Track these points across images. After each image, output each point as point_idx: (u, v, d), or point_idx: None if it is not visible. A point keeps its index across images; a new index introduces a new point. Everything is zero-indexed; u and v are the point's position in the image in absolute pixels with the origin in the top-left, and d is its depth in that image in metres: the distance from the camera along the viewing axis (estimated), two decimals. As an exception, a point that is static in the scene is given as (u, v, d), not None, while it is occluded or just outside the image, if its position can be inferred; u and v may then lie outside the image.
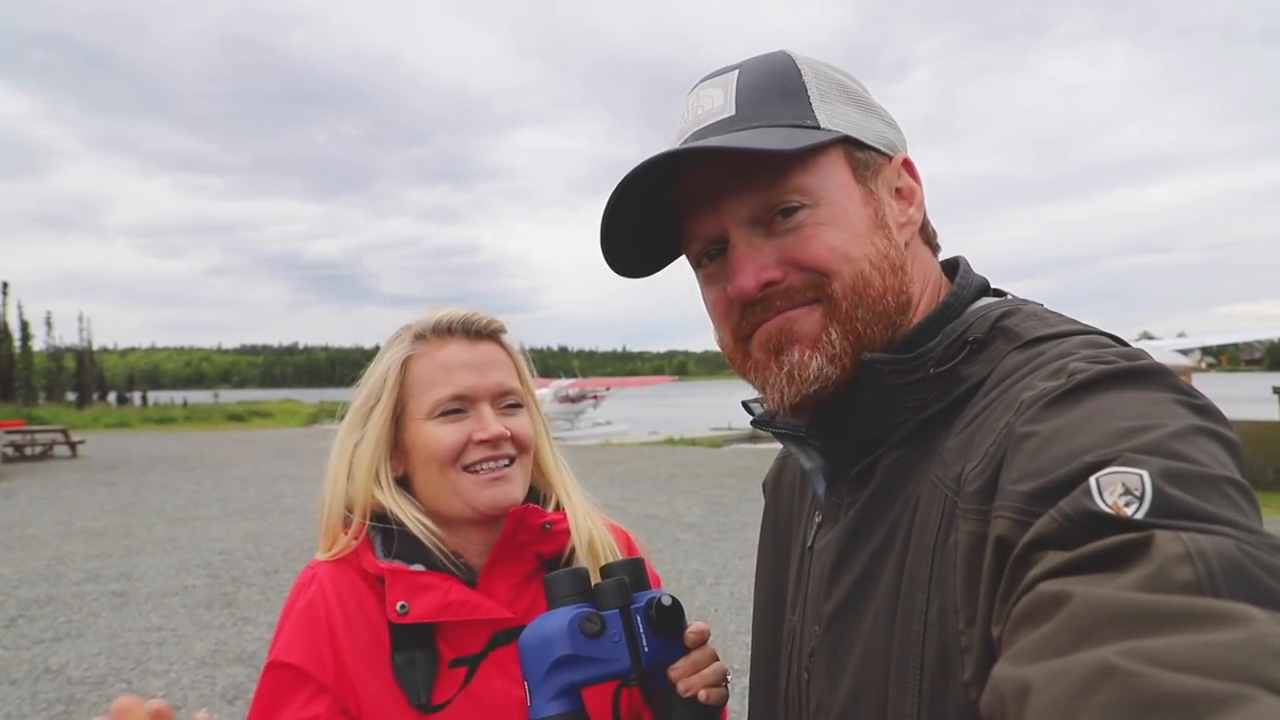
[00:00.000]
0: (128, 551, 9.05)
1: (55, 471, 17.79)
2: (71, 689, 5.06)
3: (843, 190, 0.79)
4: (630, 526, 1.39)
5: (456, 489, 1.16)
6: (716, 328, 0.88)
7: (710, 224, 0.81)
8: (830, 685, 0.77)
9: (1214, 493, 0.50)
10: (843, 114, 0.81)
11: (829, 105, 0.80)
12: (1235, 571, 0.43)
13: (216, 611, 6.72)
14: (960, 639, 0.62)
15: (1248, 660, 0.38)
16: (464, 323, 1.22)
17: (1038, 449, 0.58)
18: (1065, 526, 0.51)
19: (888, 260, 0.79)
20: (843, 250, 0.77)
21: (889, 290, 0.78)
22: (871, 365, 0.76)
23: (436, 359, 1.19)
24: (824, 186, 0.78)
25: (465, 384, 1.18)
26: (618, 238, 0.86)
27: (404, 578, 1.11)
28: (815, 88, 0.81)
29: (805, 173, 0.77)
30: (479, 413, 1.18)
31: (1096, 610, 0.44)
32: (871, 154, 0.82)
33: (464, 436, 1.16)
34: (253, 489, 14.24)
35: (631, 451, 21.17)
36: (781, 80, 0.81)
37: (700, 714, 0.95)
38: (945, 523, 0.66)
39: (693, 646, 0.98)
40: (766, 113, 0.79)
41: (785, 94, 0.80)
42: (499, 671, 1.13)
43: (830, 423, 0.82)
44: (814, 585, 0.84)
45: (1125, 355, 0.64)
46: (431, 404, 1.17)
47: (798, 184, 0.77)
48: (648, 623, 0.95)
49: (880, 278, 0.78)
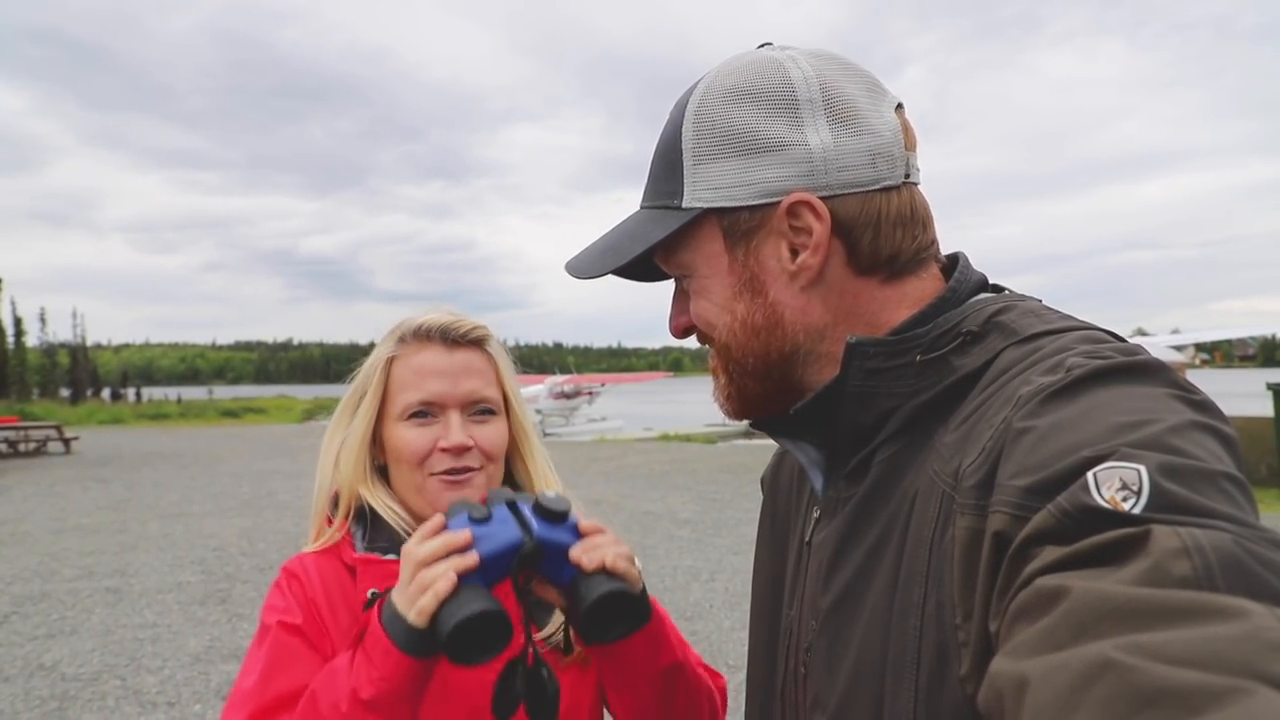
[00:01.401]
0: (121, 548, 9.04)
1: (49, 468, 17.76)
2: (65, 686, 5.05)
3: (709, 262, 0.84)
4: (625, 523, 1.40)
5: (421, 490, 1.20)
6: None
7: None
8: (827, 679, 0.77)
9: (1211, 487, 0.50)
10: (717, 176, 0.80)
11: (702, 167, 0.80)
12: (1232, 566, 0.44)
13: (211, 608, 6.72)
14: (957, 634, 0.62)
15: (1245, 654, 0.38)
16: (442, 330, 1.24)
17: (1035, 444, 0.58)
18: (1063, 521, 0.51)
19: (747, 325, 0.83)
20: (707, 318, 0.86)
21: (751, 352, 0.83)
22: (856, 348, 0.76)
23: (413, 363, 1.23)
24: (694, 261, 0.84)
25: (435, 391, 1.20)
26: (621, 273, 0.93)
27: (375, 566, 1.16)
28: (692, 149, 0.80)
29: (682, 249, 0.84)
30: (447, 420, 1.21)
31: (1094, 605, 0.45)
32: (743, 214, 0.80)
33: (430, 442, 1.19)
34: (247, 485, 14.23)
35: (626, 447, 21.17)
36: (666, 149, 0.84)
37: (613, 586, 0.95)
38: (942, 517, 0.66)
39: (589, 534, 1.01)
40: (655, 188, 0.86)
41: (668, 164, 0.84)
42: None
43: (820, 412, 0.82)
44: (811, 580, 0.84)
45: (1123, 351, 0.64)
46: (403, 406, 1.21)
47: (677, 261, 0.86)
48: (534, 511, 1.00)
49: (745, 337, 0.83)
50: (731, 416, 0.90)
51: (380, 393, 1.24)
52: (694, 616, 6.27)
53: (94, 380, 54.90)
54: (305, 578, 1.18)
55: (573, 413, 32.78)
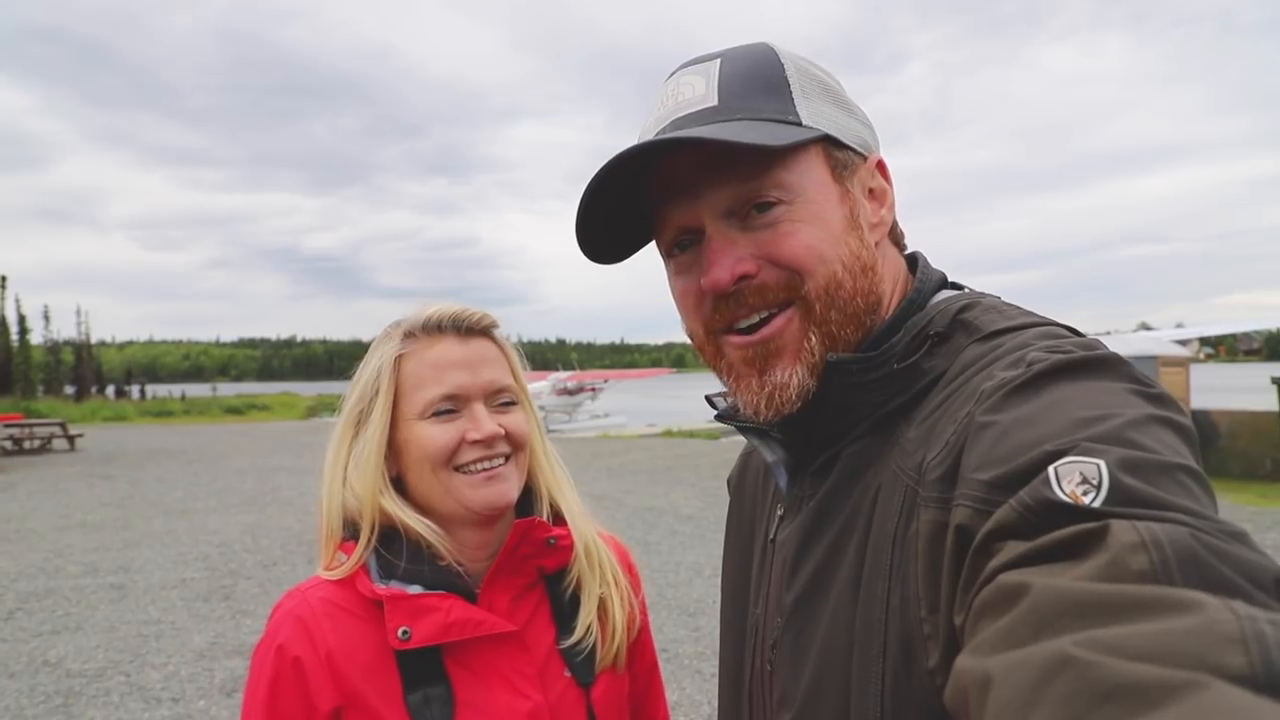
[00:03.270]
0: (126, 544, 9.06)
1: (53, 465, 17.81)
2: (70, 682, 5.07)
3: (820, 189, 0.79)
4: (628, 518, 1.40)
5: (450, 490, 1.13)
6: (685, 319, 0.87)
7: (686, 213, 0.80)
8: (793, 676, 0.77)
9: (1169, 481, 0.51)
10: (823, 111, 0.80)
11: (810, 102, 0.80)
12: (1189, 559, 0.44)
13: (215, 604, 6.73)
14: (923, 626, 0.62)
15: (1200, 648, 0.39)
16: (455, 319, 1.18)
17: (998, 438, 0.59)
18: (1024, 516, 0.52)
19: (859, 261, 0.79)
20: (818, 250, 0.77)
21: (859, 292, 0.79)
22: (839, 366, 0.77)
23: (427, 358, 1.16)
24: (803, 184, 0.78)
25: (457, 383, 1.15)
26: (593, 223, 0.84)
27: (403, 602, 1.07)
28: (798, 83, 0.80)
29: (785, 169, 0.77)
30: (472, 412, 1.15)
31: (1055, 601, 0.45)
32: (849, 153, 0.82)
33: (457, 437, 1.13)
34: (251, 482, 14.26)
35: (629, 443, 21.20)
36: (765, 73, 0.80)
37: None
38: (906, 511, 0.67)
39: None
40: (750, 105, 0.77)
41: (769, 88, 0.79)
42: (503, 684, 1.11)
43: (796, 421, 0.82)
44: (776, 577, 0.85)
45: (1082, 345, 0.66)
46: (423, 404, 1.14)
47: (778, 179, 0.77)
48: None
49: (852, 279, 0.78)
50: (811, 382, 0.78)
51: (392, 395, 1.16)
52: (697, 612, 6.28)
53: (98, 378, 54.94)
54: (310, 646, 1.06)
55: (576, 409, 32.79)
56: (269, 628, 1.10)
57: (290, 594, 1.13)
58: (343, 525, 1.16)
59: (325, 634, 1.07)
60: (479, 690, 1.09)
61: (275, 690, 1.04)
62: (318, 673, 1.04)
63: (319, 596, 1.10)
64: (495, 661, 1.12)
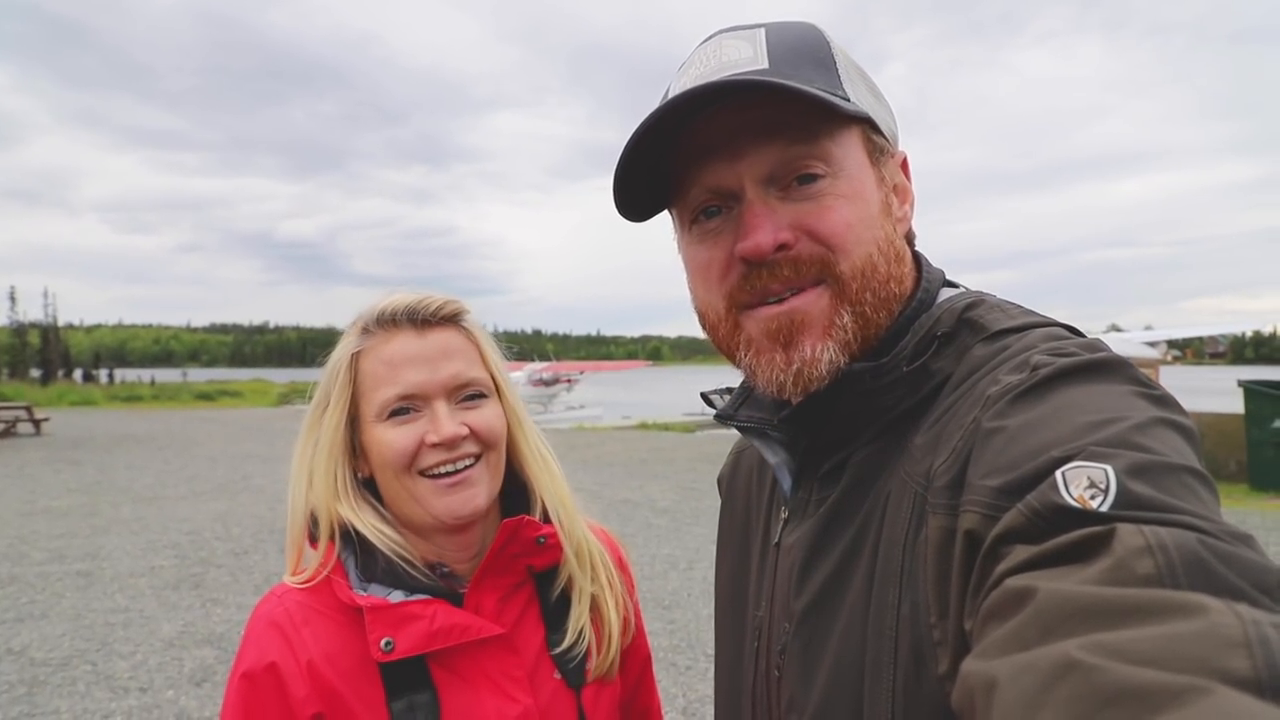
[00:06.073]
0: (93, 531, 8.92)
1: (19, 449, 17.47)
2: (35, 670, 4.99)
3: (861, 169, 0.78)
4: (603, 511, 1.39)
5: (414, 495, 1.07)
6: (703, 292, 0.83)
7: (724, 174, 0.76)
8: (804, 683, 0.76)
9: (1175, 484, 0.51)
10: (863, 96, 0.80)
11: (853, 85, 0.80)
12: (1194, 563, 0.44)
13: (184, 593, 6.65)
14: (933, 633, 0.62)
15: (1204, 652, 0.39)
16: (409, 311, 1.09)
17: (1005, 444, 0.59)
18: (1033, 520, 0.52)
19: (893, 248, 0.79)
20: (857, 229, 0.75)
21: (891, 278, 0.78)
22: (853, 375, 0.76)
23: (383, 355, 1.08)
24: (846, 160, 0.76)
25: (413, 381, 1.06)
26: (634, 174, 0.80)
27: (384, 611, 1.02)
28: (843, 63, 0.80)
29: (834, 141, 0.75)
30: (432, 411, 1.06)
31: (1060, 605, 0.45)
32: (885, 141, 0.82)
33: (416, 439, 1.05)
34: (221, 469, 14.08)
35: (605, 436, 21.19)
36: (813, 48, 0.78)
37: None
38: (915, 518, 0.67)
39: None
40: (801, 75, 0.74)
41: (817, 62, 0.77)
42: (491, 688, 1.07)
43: (800, 423, 0.82)
44: (782, 581, 0.84)
45: (1085, 347, 0.66)
46: (379, 405, 1.06)
47: (825, 150, 0.75)
48: None
49: (885, 264, 0.77)
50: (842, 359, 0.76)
51: (348, 394, 1.09)
52: (672, 605, 6.29)
53: (65, 361, 54.06)
54: (290, 654, 1.01)
55: (551, 400, 32.75)
56: (247, 633, 1.05)
57: (267, 598, 1.08)
58: (306, 526, 1.10)
59: (305, 641, 1.02)
60: (466, 695, 1.05)
61: (253, 698, 1.00)
62: (297, 681, 1.00)
63: (297, 601, 1.05)
64: (483, 664, 1.08)
